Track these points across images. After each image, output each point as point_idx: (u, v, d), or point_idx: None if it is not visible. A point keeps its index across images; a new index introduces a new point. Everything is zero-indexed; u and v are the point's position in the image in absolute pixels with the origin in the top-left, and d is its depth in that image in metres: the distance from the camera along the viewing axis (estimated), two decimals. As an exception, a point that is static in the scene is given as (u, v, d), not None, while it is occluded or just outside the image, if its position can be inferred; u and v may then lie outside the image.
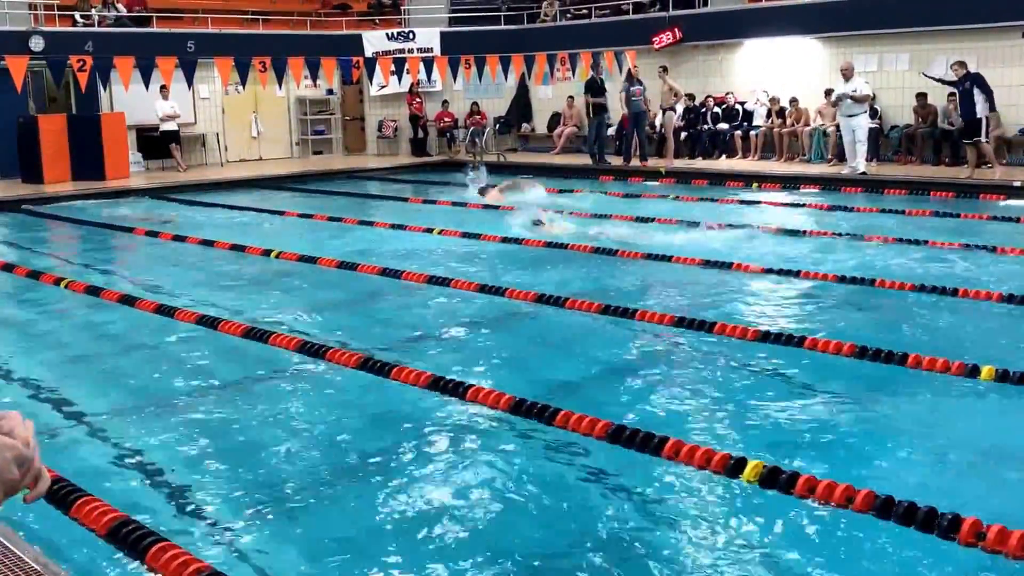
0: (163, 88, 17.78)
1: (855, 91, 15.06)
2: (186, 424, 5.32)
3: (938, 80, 14.94)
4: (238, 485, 4.52)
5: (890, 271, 8.67)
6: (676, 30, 19.20)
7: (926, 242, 10.04)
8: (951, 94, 15.23)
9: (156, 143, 19.14)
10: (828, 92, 16.93)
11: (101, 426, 5.34)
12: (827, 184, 15.09)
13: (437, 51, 21.12)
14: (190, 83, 16.85)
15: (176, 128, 18.87)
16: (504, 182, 14.68)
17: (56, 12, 18.68)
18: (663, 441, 4.56)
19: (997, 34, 15.70)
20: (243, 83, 17.30)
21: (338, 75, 20.58)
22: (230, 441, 5.08)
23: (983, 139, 14.24)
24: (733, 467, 4.28)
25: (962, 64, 14.25)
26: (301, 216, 13.70)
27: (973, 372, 5.58)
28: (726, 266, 9.10)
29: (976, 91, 13.98)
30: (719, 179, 16.34)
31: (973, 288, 7.79)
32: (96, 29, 18.82)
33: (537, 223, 11.33)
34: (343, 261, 9.63)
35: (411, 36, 21.64)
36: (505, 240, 10.83)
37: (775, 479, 4.15)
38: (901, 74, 16.94)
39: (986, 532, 3.59)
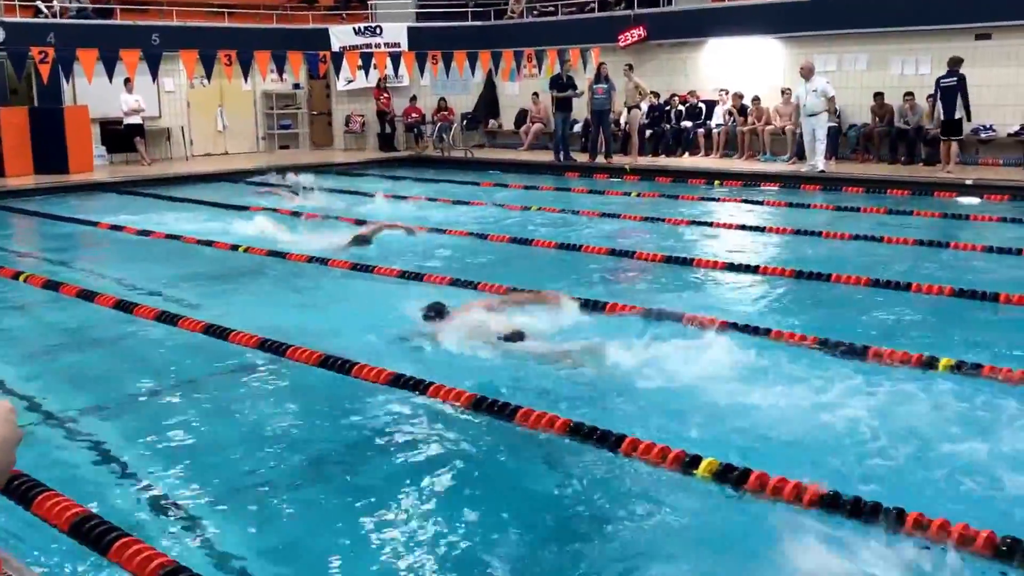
0: (127, 81, 17.68)
1: (821, 91, 15.29)
2: (148, 420, 5.36)
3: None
4: (201, 481, 4.56)
5: (848, 266, 8.86)
6: (641, 28, 19.36)
7: (882, 238, 10.26)
8: (930, 95, 15.55)
9: (120, 137, 19.03)
10: (785, 92, 17.23)
11: (62, 421, 5.37)
12: (787, 182, 15.32)
13: (404, 46, 21.15)
14: (155, 76, 16.77)
15: (141, 122, 18.76)
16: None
17: (17, 2, 18.51)
18: (621, 438, 4.69)
19: (951, 36, 16.02)
20: (208, 77, 17.27)
21: (305, 69, 20.54)
22: (192, 437, 5.12)
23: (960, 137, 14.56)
24: (689, 464, 4.40)
25: (957, 61, 14.47)
26: (267, 210, 13.69)
27: (930, 364, 5.79)
28: (688, 262, 9.28)
29: (959, 92, 14.32)
30: (682, 176, 16.53)
31: (926, 283, 8.00)
32: (58, 20, 18.67)
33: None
34: (312, 256, 9.68)
35: (378, 31, 21.64)
36: (471, 234, 10.96)
37: (729, 475, 4.28)
38: (859, 74, 17.23)
39: (929, 525, 3.73)
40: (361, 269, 9.09)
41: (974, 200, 12.87)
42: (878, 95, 16.67)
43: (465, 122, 22.27)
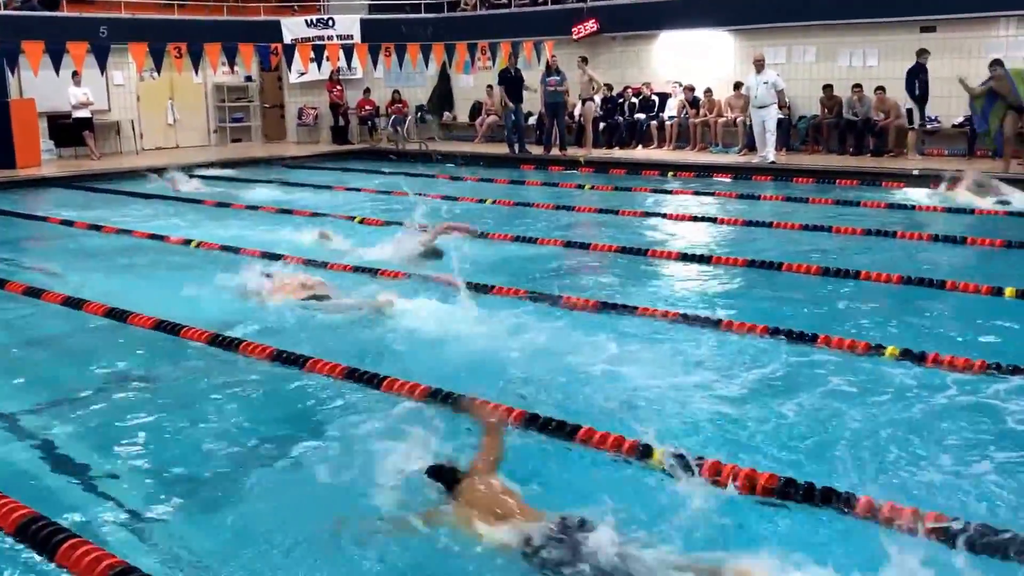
0: (75, 74, 17.43)
1: (772, 83, 15.47)
2: (96, 418, 5.32)
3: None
4: (150, 479, 4.53)
5: (798, 255, 9.01)
6: (594, 21, 19.43)
7: (831, 228, 10.43)
8: (878, 88, 15.97)
9: (69, 130, 18.75)
10: (737, 84, 17.42)
11: (7, 420, 5.32)
12: (739, 173, 15.49)
13: (357, 38, 21.04)
14: (103, 69, 16.54)
15: (89, 115, 18.50)
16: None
17: (-40, -6, 18.19)
18: (576, 428, 4.75)
19: (898, 28, 16.32)
20: (158, 69, 17.08)
21: (256, 62, 20.39)
22: (141, 435, 5.08)
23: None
24: (642, 453, 4.47)
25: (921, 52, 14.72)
26: (219, 205, 13.60)
27: (878, 350, 5.93)
28: (642, 252, 9.37)
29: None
30: (636, 168, 16.65)
31: (875, 271, 8.17)
32: (3, 12, 18.32)
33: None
34: (266, 252, 9.65)
35: (330, 23, 21.51)
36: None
37: (682, 463, 4.28)
38: (808, 66, 17.47)
39: (880, 508, 3.84)
40: (314, 265, 9.06)
41: (922, 190, 13.10)
42: (827, 87, 16.91)
43: (419, 114, 22.22)
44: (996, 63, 13.92)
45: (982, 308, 7.22)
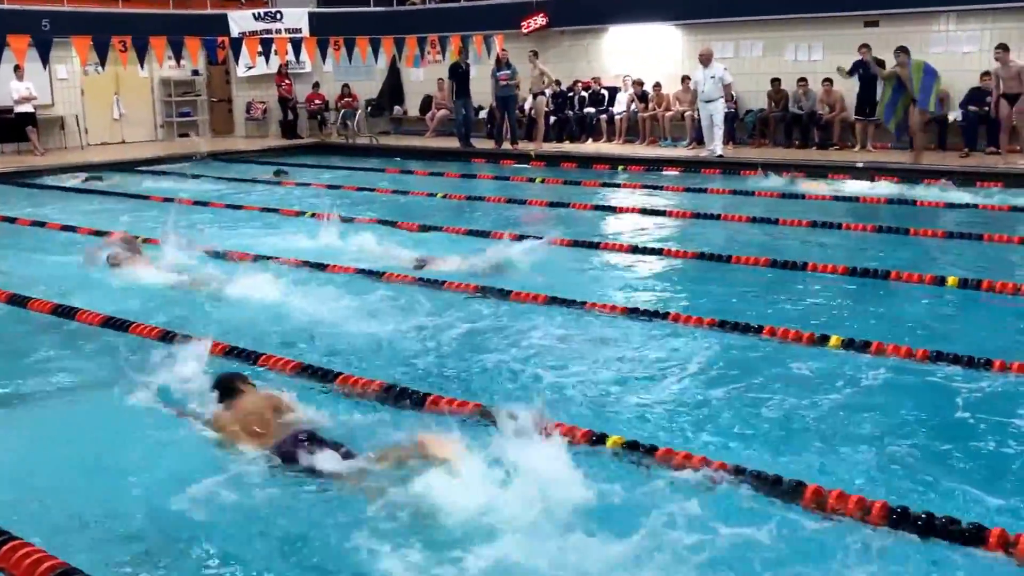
0: (17, 68, 17.13)
1: (719, 77, 15.67)
2: (39, 418, 5.27)
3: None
4: (93, 477, 4.47)
5: (746, 247, 9.17)
6: (543, 15, 19.53)
7: (777, 220, 10.63)
8: (825, 79, 16.38)
9: (11, 126, 18.42)
10: (685, 79, 17.63)
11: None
12: (687, 166, 15.68)
13: (306, 32, 20.91)
14: (45, 63, 16.26)
15: (32, 110, 18.21)
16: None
17: None
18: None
19: (842, 23, 16.63)
20: (102, 63, 16.82)
21: (203, 55, 20.17)
22: (85, 432, 5.00)
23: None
24: (596, 441, 4.55)
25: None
26: (166, 200, 13.46)
27: (822, 341, 6.07)
28: (593, 246, 9.48)
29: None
30: (586, 162, 16.77)
31: (821, 262, 8.35)
32: (-58, 5, 17.98)
33: None
34: (214, 249, 9.61)
35: (278, 16, 21.35)
36: (382, 222, 11.02)
37: (635, 452, 4.43)
38: (755, 60, 17.74)
39: (827, 496, 3.95)
40: (260, 260, 9.08)
41: (866, 182, 13.39)
42: (775, 80, 17.19)
43: (370, 108, 22.15)
44: (902, 51, 14.23)
45: (926, 297, 7.43)
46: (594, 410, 5.16)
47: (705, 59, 15.86)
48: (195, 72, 21.95)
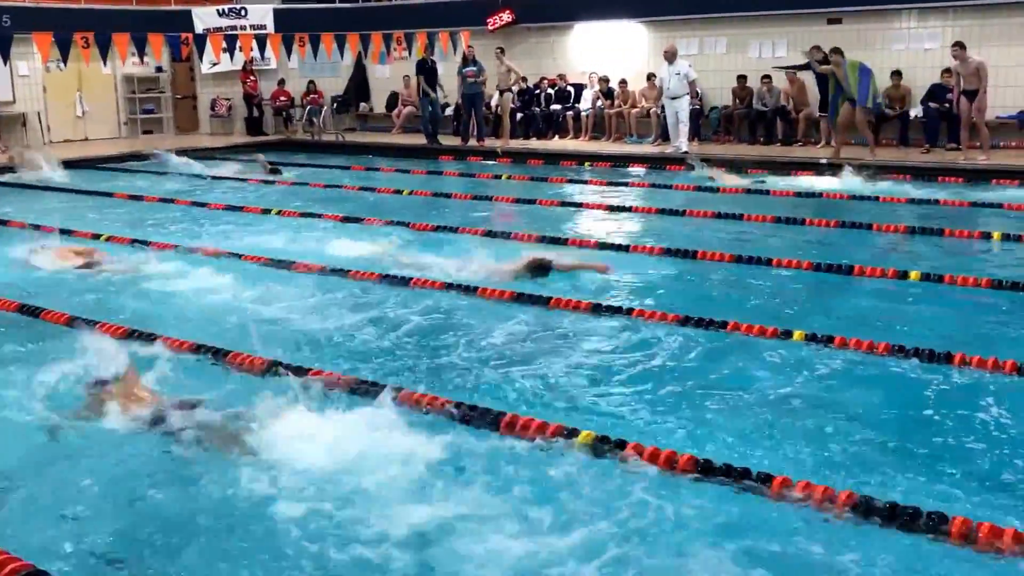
0: (-23, 65, 16.91)
1: (684, 74, 15.76)
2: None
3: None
4: (41, 472, 4.51)
5: (711, 243, 9.25)
6: (509, 12, 19.54)
7: (742, 216, 10.73)
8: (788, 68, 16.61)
9: (-29, 123, 18.20)
10: (650, 76, 17.72)
11: None
12: (653, 163, 15.76)
13: (271, 28, 20.77)
14: (6, 59, 16.07)
15: (-7, 107, 17.98)
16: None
17: None
18: (500, 416, 4.86)
19: (806, 20, 16.79)
20: (64, 60, 16.63)
21: (167, 52, 20.00)
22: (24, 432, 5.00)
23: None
24: (566, 436, 4.59)
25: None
26: (131, 198, 13.37)
27: (786, 335, 6.16)
28: (561, 242, 9.52)
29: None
30: (553, 159, 16.81)
31: (785, 257, 8.45)
32: (-101, 0, 17.69)
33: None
34: (175, 245, 9.57)
35: (243, 12, 21.17)
36: (346, 219, 11.02)
37: (605, 447, 4.48)
38: (720, 57, 17.86)
39: (795, 487, 4.02)
40: (226, 256, 9.05)
41: (832, 177, 13.54)
42: (741, 77, 17.32)
43: (335, 105, 22.06)
44: (835, 51, 14.47)
45: (889, 292, 7.53)
46: (563, 404, 5.21)
47: (670, 56, 15.96)
48: (159, 69, 21.76)
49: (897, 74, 15.81)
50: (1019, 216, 10.78)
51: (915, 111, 15.96)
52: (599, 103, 18.75)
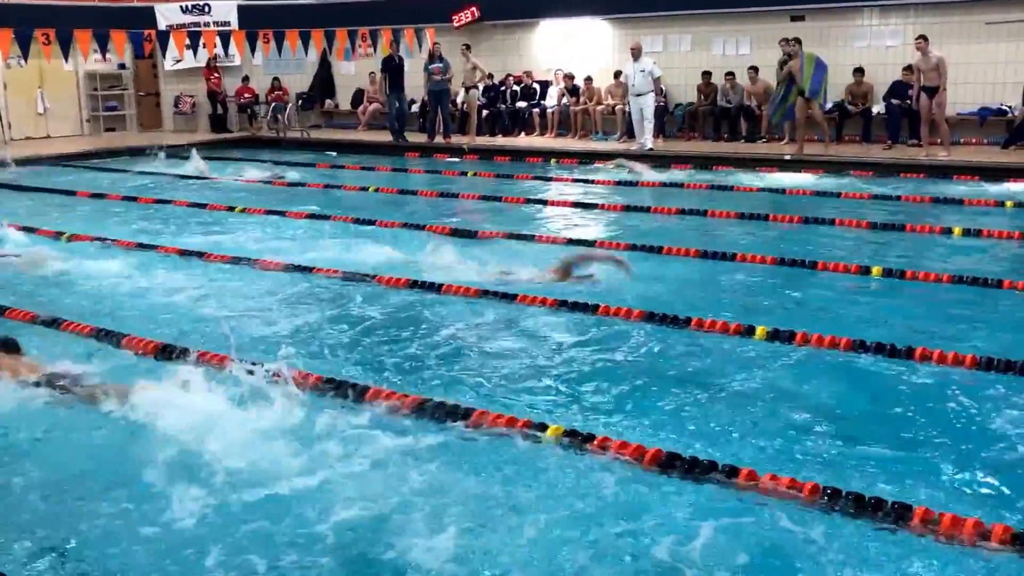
0: (-65, 62, 16.66)
1: (649, 71, 15.83)
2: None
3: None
4: None
5: (676, 239, 9.29)
6: (474, 9, 19.52)
7: (706, 212, 10.80)
8: (751, 67, 16.72)
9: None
10: (617, 74, 17.80)
11: None
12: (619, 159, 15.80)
13: (235, 25, 20.64)
14: (-34, 56, 15.86)
15: (-49, 104, 17.70)
16: None
17: None
18: (469, 411, 4.87)
19: (769, 17, 16.93)
20: (25, 56, 16.43)
21: (130, 49, 19.78)
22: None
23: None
24: (537, 430, 4.63)
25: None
26: (94, 196, 13.23)
27: (749, 332, 6.21)
28: (530, 238, 9.54)
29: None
30: (519, 155, 16.84)
31: (749, 253, 8.52)
32: None
33: None
34: (140, 243, 9.49)
35: (206, 9, 21.02)
36: (313, 216, 10.98)
37: (574, 440, 4.52)
38: (684, 54, 17.97)
39: (760, 480, 4.07)
40: (188, 255, 8.99)
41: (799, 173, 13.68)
42: (706, 74, 17.44)
43: (300, 102, 21.94)
44: (796, 41, 14.63)
45: (851, 287, 7.62)
46: (526, 398, 5.23)
47: (635, 53, 16.02)
48: (122, 66, 21.54)
49: (859, 71, 15.99)
50: (979, 211, 10.95)
51: (877, 108, 16.14)
52: (564, 100, 18.78)
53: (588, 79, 18.50)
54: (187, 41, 18.10)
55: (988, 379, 5.37)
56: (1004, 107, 15.51)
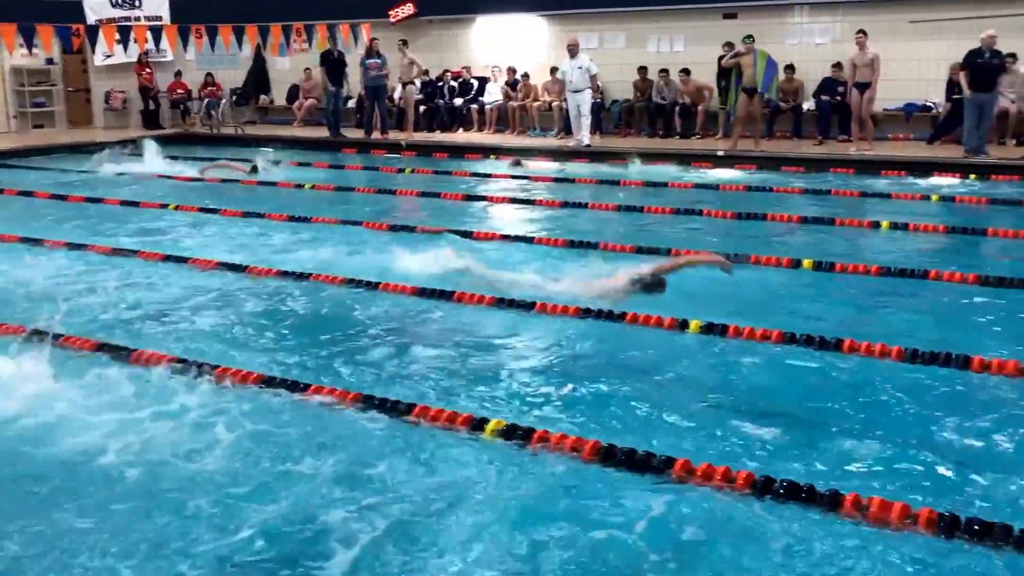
0: None
1: (585, 68, 15.93)
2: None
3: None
4: None
5: (614, 235, 9.39)
6: (411, 4, 19.47)
7: (642, 208, 10.92)
8: (682, 70, 16.90)
9: None
10: (553, 70, 17.89)
11: None
12: (556, 155, 15.92)
13: (166, 19, 20.33)
14: None
15: None
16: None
17: None
18: (411, 407, 4.91)
19: (701, 15, 17.19)
20: (-52, 51, 16.02)
21: (57, 43, 19.38)
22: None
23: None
24: (476, 425, 4.68)
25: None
26: (21, 194, 12.96)
27: (683, 326, 6.31)
28: (468, 235, 9.57)
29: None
30: (457, 151, 16.85)
31: (684, 247, 8.61)
32: None
33: None
34: (71, 242, 9.34)
35: (137, 3, 20.69)
36: (245, 214, 10.88)
37: (513, 434, 4.58)
38: (619, 51, 18.13)
39: (696, 470, 4.16)
40: (122, 253, 8.87)
41: (727, 169, 13.88)
42: (642, 69, 17.62)
43: (235, 97, 21.69)
44: (749, 38, 14.88)
45: (782, 280, 7.77)
46: (463, 394, 5.27)
47: (572, 50, 16.11)
48: (49, 61, 21.08)
49: (790, 68, 16.29)
50: (906, 205, 11.22)
51: (808, 104, 16.45)
52: (501, 95, 18.81)
53: (525, 75, 18.58)
54: (117, 36, 17.77)
55: (914, 369, 5.52)
56: (929, 103, 15.93)
